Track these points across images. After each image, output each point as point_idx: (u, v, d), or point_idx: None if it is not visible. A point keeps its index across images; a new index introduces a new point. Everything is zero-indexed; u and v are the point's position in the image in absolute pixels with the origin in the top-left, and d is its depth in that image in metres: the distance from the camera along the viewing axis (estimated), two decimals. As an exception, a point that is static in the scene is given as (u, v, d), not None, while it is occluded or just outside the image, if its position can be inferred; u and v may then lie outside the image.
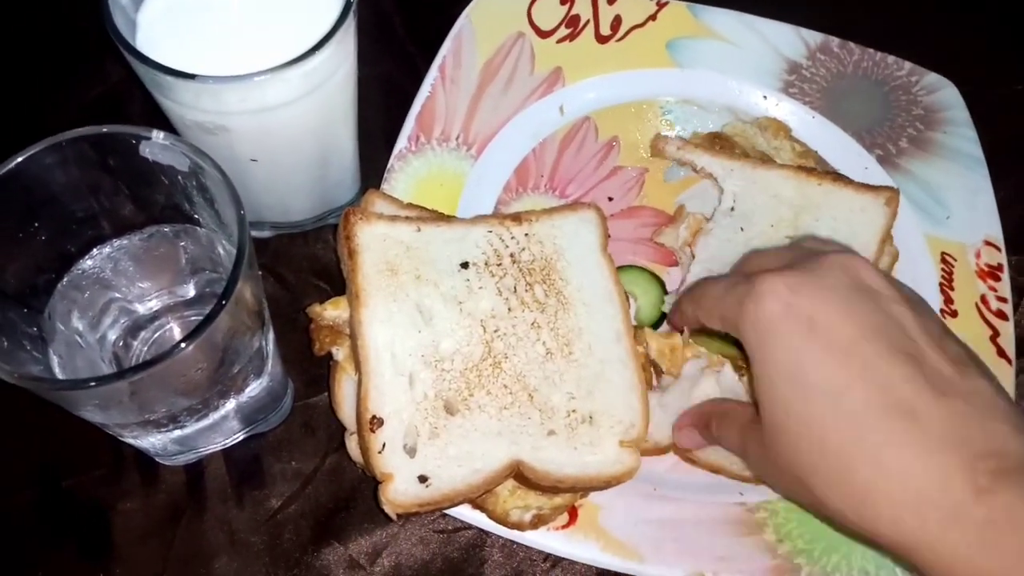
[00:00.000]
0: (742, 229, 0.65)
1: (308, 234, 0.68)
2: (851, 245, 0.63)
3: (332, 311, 0.56)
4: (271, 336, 0.56)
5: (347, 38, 0.53)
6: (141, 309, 0.58)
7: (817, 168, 0.70)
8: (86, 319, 0.55)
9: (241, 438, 0.60)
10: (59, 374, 0.50)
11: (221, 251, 0.56)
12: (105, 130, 0.46)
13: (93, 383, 0.43)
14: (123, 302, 0.57)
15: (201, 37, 0.54)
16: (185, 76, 0.48)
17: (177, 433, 0.55)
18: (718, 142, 0.71)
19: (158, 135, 0.47)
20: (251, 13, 0.54)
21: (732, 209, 0.66)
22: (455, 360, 0.55)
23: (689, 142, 0.70)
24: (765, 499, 0.59)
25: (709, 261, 0.65)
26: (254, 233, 0.67)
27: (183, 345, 0.43)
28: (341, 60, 0.54)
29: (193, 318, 0.58)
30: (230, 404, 0.55)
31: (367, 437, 0.52)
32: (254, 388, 0.56)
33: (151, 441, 0.55)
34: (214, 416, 0.55)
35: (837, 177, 0.68)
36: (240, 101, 0.50)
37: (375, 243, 0.57)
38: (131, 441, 0.55)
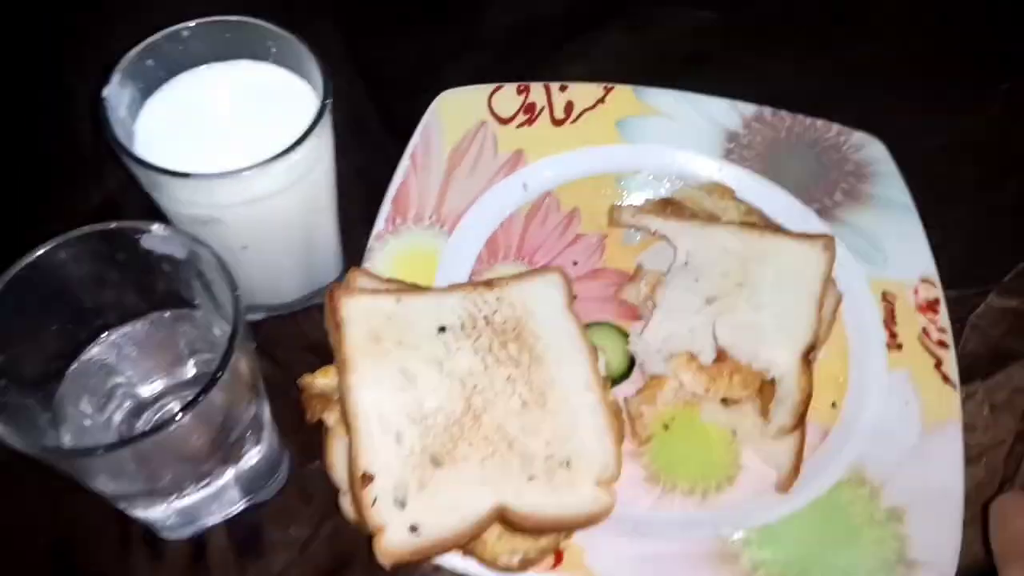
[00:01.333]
0: (696, 280, 0.71)
1: (298, 314, 0.73)
2: (797, 288, 0.70)
3: (322, 380, 0.61)
4: (266, 407, 0.60)
5: (324, 134, 0.60)
6: (144, 392, 0.62)
7: (759, 224, 0.76)
8: (93, 403, 0.59)
9: (241, 507, 0.63)
10: None
11: (218, 332, 0.60)
12: (113, 226, 0.52)
13: (101, 450, 0.47)
14: (127, 386, 0.61)
15: (193, 141, 0.60)
16: (180, 175, 0.54)
17: (180, 504, 0.58)
18: (670, 207, 0.78)
19: (158, 228, 0.53)
20: (237, 118, 0.61)
21: (686, 264, 0.72)
22: (438, 416, 0.59)
23: (641, 209, 0.77)
24: (741, 532, 0.62)
25: (669, 310, 0.70)
26: (248, 316, 0.72)
27: (180, 415, 0.48)
28: (321, 153, 0.60)
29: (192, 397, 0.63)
30: (230, 473, 0.59)
31: (359, 493, 0.56)
32: (252, 456, 0.60)
33: (156, 513, 0.58)
34: (215, 485, 0.58)
35: (778, 230, 0.75)
36: (231, 194, 0.56)
37: (359, 315, 0.62)
38: (137, 514, 0.58)
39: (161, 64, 0.61)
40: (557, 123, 0.83)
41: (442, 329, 0.63)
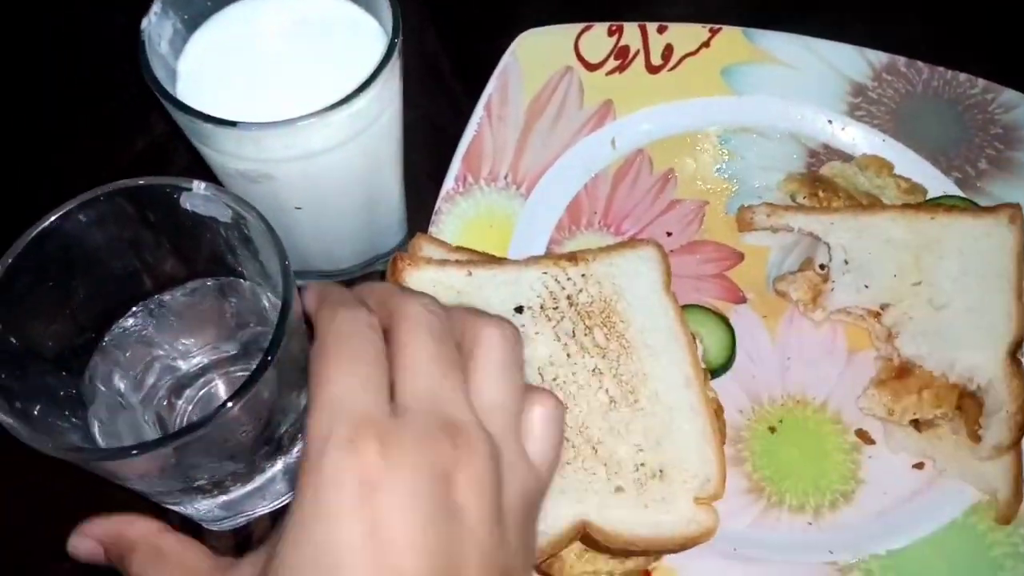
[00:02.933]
0: (866, 287, 0.60)
1: (355, 282, 0.66)
2: (986, 274, 0.60)
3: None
4: None
5: (392, 79, 0.51)
6: (185, 366, 0.56)
7: (924, 203, 0.65)
8: (128, 379, 0.53)
9: (288, 500, 0.56)
10: (100, 439, 0.48)
11: (266, 304, 0.53)
12: (142, 182, 0.44)
13: (135, 451, 0.40)
14: (166, 360, 0.55)
15: (243, 83, 0.52)
16: (226, 124, 0.46)
17: (223, 498, 0.52)
18: (819, 185, 0.66)
19: (199, 186, 0.45)
20: (293, 57, 0.52)
21: (846, 263, 0.62)
22: (514, 413, 0.51)
23: (777, 206, 0.65)
24: (858, 558, 0.53)
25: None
26: (299, 281, 0.65)
27: (229, 405, 0.41)
28: (386, 102, 0.51)
29: (239, 374, 0.56)
30: (277, 466, 0.52)
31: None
32: (301, 448, 0.53)
33: (196, 507, 0.52)
34: (260, 479, 0.52)
35: (949, 208, 0.64)
36: (284, 148, 0.48)
37: (425, 289, 0.53)
38: (175, 508, 0.52)
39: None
40: (653, 70, 0.73)
41: (519, 309, 0.55)
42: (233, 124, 0.46)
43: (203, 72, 0.52)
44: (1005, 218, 0.62)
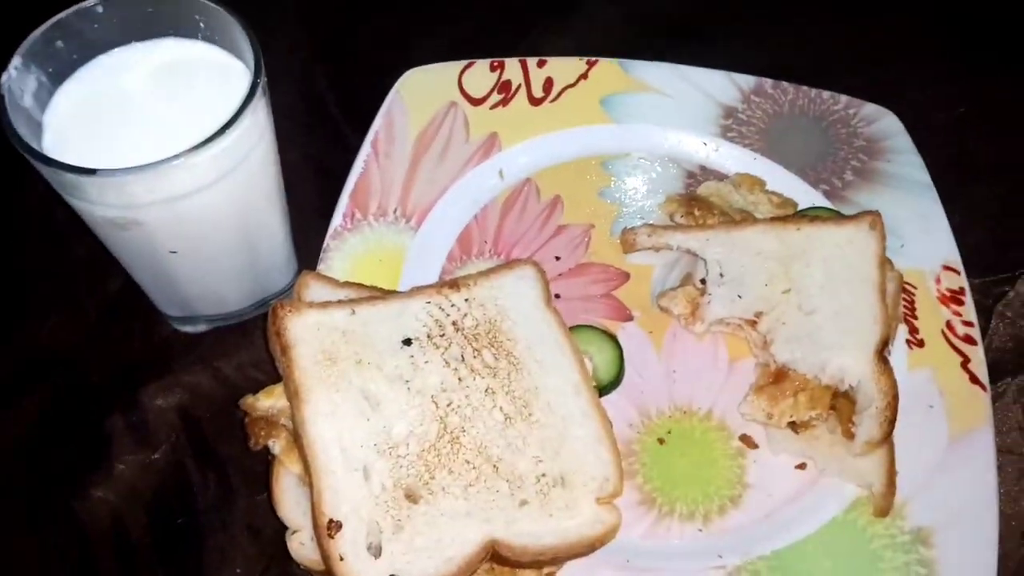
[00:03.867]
0: (740, 297, 0.63)
1: (247, 324, 0.66)
2: (850, 279, 0.62)
3: (265, 401, 0.53)
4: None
5: (258, 117, 0.52)
6: None
7: (794, 215, 0.68)
8: None
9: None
10: None
11: None
12: None
13: None
14: None
15: (111, 132, 0.52)
16: (85, 172, 0.46)
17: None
18: (695, 204, 0.69)
19: None
20: (160, 103, 0.53)
21: (721, 276, 0.64)
22: (410, 443, 0.52)
23: (657, 226, 0.68)
24: (745, 560, 0.55)
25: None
26: (187, 329, 0.65)
27: None
28: (255, 141, 0.52)
29: None
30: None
31: (327, 544, 0.48)
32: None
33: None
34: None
35: (813, 218, 0.67)
36: (147, 192, 0.48)
37: (309, 334, 0.54)
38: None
39: (72, 46, 0.53)
40: (535, 102, 0.75)
41: (407, 342, 0.55)
42: (92, 172, 0.46)
43: (71, 124, 0.52)
44: (866, 225, 0.65)
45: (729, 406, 0.62)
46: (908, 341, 0.64)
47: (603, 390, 0.62)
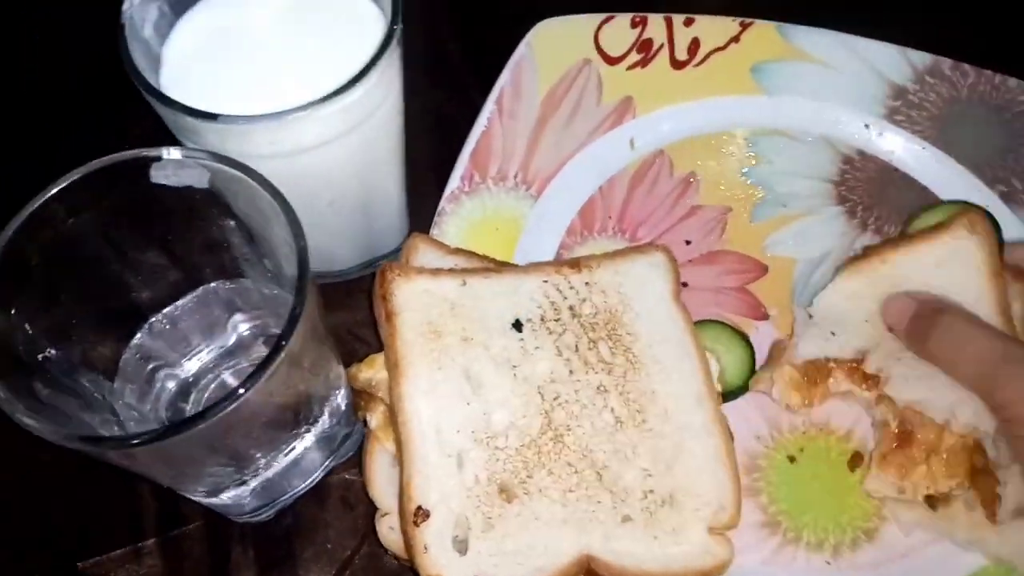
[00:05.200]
0: (833, 334, 0.54)
1: (352, 283, 0.62)
2: (962, 301, 0.53)
3: (367, 372, 0.50)
4: (335, 362, 0.50)
5: (391, 69, 0.47)
6: (186, 370, 0.53)
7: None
8: (136, 392, 0.50)
9: (321, 475, 0.54)
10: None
11: (266, 290, 0.50)
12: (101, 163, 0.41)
13: (165, 433, 0.37)
14: (166, 368, 0.52)
15: (232, 73, 0.49)
16: (207, 117, 0.43)
17: (265, 475, 0.49)
18: None
19: (169, 152, 0.42)
20: (286, 44, 0.49)
21: (810, 317, 0.56)
22: (510, 435, 0.48)
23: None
24: (882, 601, 0.49)
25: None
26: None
27: (241, 391, 0.37)
28: (384, 94, 0.48)
29: (241, 366, 0.53)
30: (308, 439, 0.50)
31: (411, 532, 0.45)
32: (328, 417, 0.51)
33: (232, 495, 0.49)
34: (292, 455, 0.49)
35: (903, 239, 0.57)
36: (270, 143, 0.44)
37: (415, 302, 0.50)
38: (211, 502, 0.49)
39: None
40: (678, 65, 0.68)
41: (517, 325, 0.51)
42: (214, 117, 0.42)
43: (190, 60, 0.49)
44: (963, 230, 0.55)
45: (872, 429, 0.55)
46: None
47: (728, 395, 0.56)
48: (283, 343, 0.37)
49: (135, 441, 0.36)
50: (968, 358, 0.47)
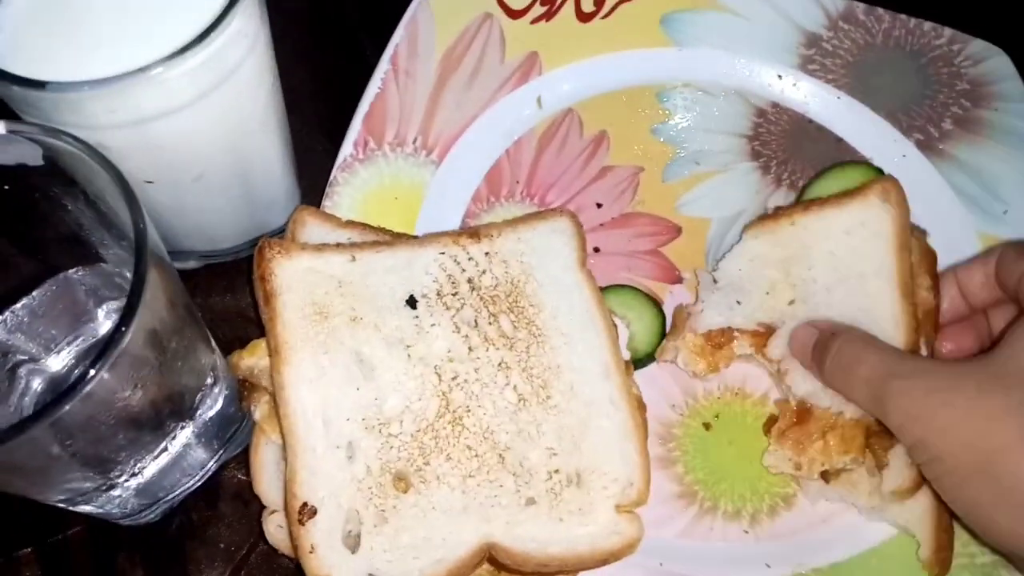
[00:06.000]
0: (739, 303, 0.52)
1: (242, 262, 0.58)
2: (863, 275, 0.52)
3: (248, 360, 0.46)
4: (216, 354, 0.46)
5: (249, 21, 0.42)
6: (53, 365, 0.48)
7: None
8: None
9: (213, 469, 0.50)
10: None
11: (129, 274, 0.46)
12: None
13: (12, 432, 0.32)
14: (30, 364, 0.47)
15: (74, 36, 0.43)
16: (34, 85, 0.38)
17: (136, 482, 0.45)
18: None
19: None
20: (134, 12, 0.43)
21: (715, 282, 0.54)
22: (404, 420, 0.44)
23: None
24: (797, 572, 0.48)
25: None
26: (178, 265, 0.57)
27: (88, 376, 0.33)
28: (245, 51, 0.43)
29: None
30: (187, 431, 0.45)
31: (297, 531, 0.41)
32: (210, 408, 0.46)
33: (111, 498, 0.45)
34: (172, 450, 0.45)
35: (812, 203, 0.55)
36: (108, 112, 0.39)
37: (298, 281, 0.46)
38: (89, 509, 0.45)
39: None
40: (584, 17, 0.65)
41: (411, 301, 0.47)
42: (41, 84, 0.37)
43: (26, 24, 0.43)
44: (876, 198, 0.53)
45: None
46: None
47: (640, 362, 0.54)
48: (118, 336, 0.33)
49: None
50: (859, 379, 0.45)
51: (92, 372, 0.33)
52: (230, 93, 0.43)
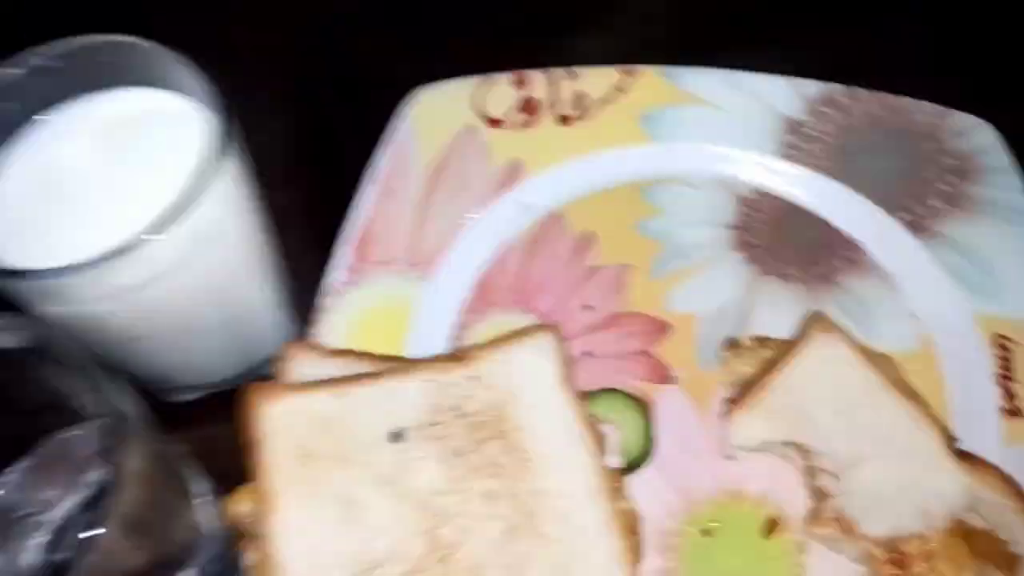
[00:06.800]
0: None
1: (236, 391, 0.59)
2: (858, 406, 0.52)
3: (236, 506, 0.47)
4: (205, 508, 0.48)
5: (226, 181, 0.44)
6: (56, 516, 0.50)
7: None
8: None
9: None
10: None
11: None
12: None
13: None
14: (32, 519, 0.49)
15: (57, 220, 0.45)
16: (11, 275, 0.40)
17: None
18: None
19: None
20: (111, 173, 0.46)
21: None
22: (394, 563, 0.45)
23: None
24: None
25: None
26: (181, 396, 0.59)
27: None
28: (222, 215, 0.45)
29: None
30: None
31: None
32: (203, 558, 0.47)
33: None
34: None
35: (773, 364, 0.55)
36: (92, 287, 0.41)
37: (284, 424, 0.47)
38: None
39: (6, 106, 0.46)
40: (564, 121, 0.66)
41: (396, 435, 0.48)
42: (21, 274, 0.40)
43: (14, 213, 0.46)
44: (819, 334, 0.54)
45: (788, 495, 0.53)
46: (1003, 409, 0.54)
47: (631, 467, 0.54)
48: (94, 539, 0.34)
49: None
50: None
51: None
52: (215, 253, 0.45)
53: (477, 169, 0.64)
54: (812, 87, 0.65)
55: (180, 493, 0.44)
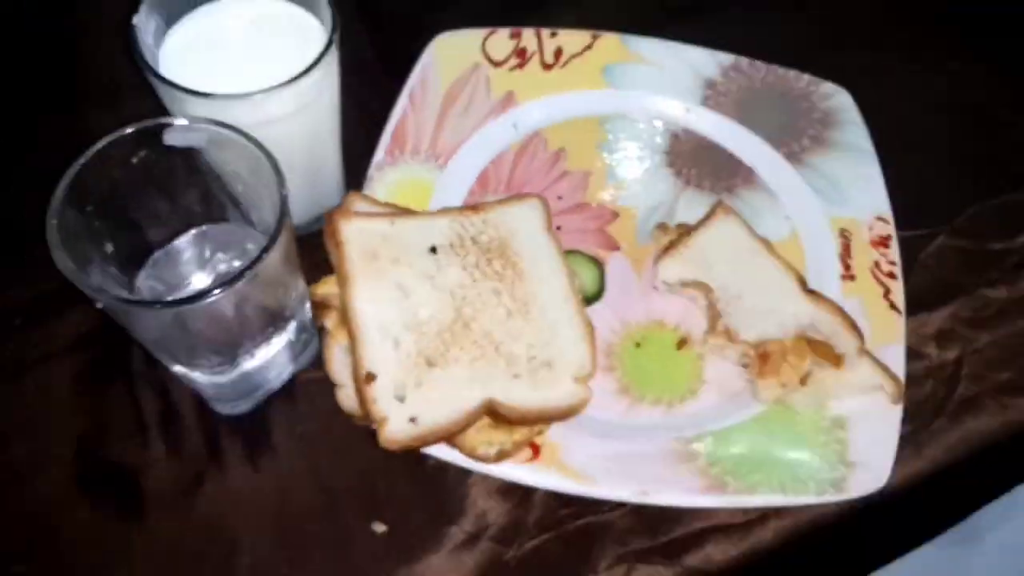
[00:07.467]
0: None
1: (303, 239, 0.79)
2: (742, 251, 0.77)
3: (323, 289, 0.67)
4: (302, 282, 0.68)
5: (330, 64, 0.65)
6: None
7: None
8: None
9: (289, 374, 0.71)
10: None
11: (250, 245, 0.68)
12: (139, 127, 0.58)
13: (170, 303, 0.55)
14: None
15: (212, 67, 0.65)
16: (202, 95, 0.60)
17: (245, 367, 0.66)
18: None
19: (179, 120, 0.59)
20: (253, 46, 0.66)
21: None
22: (431, 324, 0.66)
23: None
24: (698, 433, 0.70)
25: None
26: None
27: (254, 264, 0.55)
28: (327, 82, 0.66)
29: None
30: (282, 340, 0.67)
31: (363, 390, 0.62)
32: (296, 326, 0.68)
33: (222, 379, 0.65)
34: (271, 351, 0.66)
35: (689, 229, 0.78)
36: (245, 114, 0.61)
37: (356, 235, 0.68)
38: (204, 380, 0.65)
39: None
40: (547, 67, 0.89)
41: (433, 249, 0.69)
42: (207, 95, 0.60)
43: (180, 58, 0.66)
44: (723, 214, 0.79)
45: (694, 323, 0.76)
46: (842, 276, 0.78)
47: (589, 301, 0.76)
48: (268, 248, 0.55)
49: (168, 300, 0.54)
50: None
51: (262, 255, 0.55)
52: (319, 107, 0.66)
53: (481, 96, 0.86)
54: (725, 57, 0.90)
55: (294, 270, 0.64)
